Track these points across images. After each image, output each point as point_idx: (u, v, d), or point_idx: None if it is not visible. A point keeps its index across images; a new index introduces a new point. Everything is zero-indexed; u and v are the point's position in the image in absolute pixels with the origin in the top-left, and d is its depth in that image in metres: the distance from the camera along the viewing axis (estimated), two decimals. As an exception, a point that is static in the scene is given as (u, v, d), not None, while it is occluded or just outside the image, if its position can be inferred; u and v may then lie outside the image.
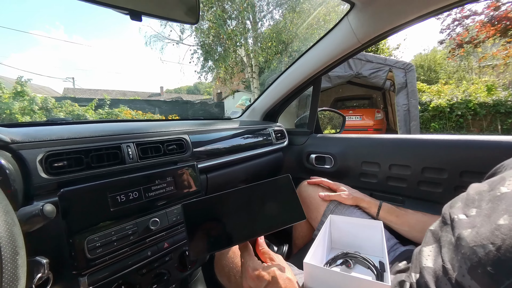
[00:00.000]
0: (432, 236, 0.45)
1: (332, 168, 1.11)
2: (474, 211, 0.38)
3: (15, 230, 0.25)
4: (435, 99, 7.06)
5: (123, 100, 11.13)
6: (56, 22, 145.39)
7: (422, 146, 0.88)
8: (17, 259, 0.24)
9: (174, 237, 0.62)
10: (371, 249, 0.66)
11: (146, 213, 0.56)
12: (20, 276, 0.24)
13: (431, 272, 0.38)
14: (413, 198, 0.92)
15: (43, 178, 0.46)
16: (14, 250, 0.24)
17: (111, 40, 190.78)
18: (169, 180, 0.61)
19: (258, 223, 0.46)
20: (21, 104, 6.45)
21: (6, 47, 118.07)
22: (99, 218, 0.48)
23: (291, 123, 1.57)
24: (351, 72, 5.51)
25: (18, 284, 0.23)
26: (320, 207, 0.84)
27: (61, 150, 0.50)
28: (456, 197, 0.46)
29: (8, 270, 0.23)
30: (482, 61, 10.76)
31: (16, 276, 0.23)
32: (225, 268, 0.66)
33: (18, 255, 0.24)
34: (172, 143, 0.70)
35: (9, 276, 0.23)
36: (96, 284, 0.47)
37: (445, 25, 11.49)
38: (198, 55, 11.08)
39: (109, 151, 0.56)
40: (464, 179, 0.79)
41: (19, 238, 0.25)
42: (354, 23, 0.84)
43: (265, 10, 10.47)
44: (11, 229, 0.24)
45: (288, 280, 0.42)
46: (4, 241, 0.23)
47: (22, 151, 0.46)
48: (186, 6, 0.51)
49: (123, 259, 0.52)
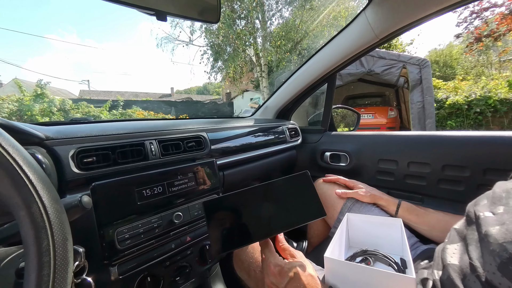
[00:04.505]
0: (457, 234, 0.44)
1: (348, 166, 1.10)
2: (501, 208, 0.37)
3: (64, 217, 0.27)
4: (452, 96, 6.79)
5: (135, 101, 11.42)
6: (69, 26, 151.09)
7: (441, 143, 0.85)
8: (67, 244, 0.26)
9: (196, 231, 0.63)
10: (390, 247, 0.65)
11: (169, 207, 0.58)
12: (69, 260, 0.26)
13: (456, 269, 0.37)
14: (432, 197, 0.89)
15: (75, 172, 0.49)
16: (64, 236, 0.26)
17: (123, 43, 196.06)
18: (190, 176, 0.63)
19: (277, 220, 0.46)
20: (41, 106, 6.76)
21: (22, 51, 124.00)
22: (127, 211, 0.51)
23: (303, 121, 1.57)
24: (363, 69, 5.39)
25: (68, 268, 0.25)
26: (336, 205, 0.84)
27: (91, 146, 0.52)
28: (481, 195, 0.44)
29: (60, 254, 0.25)
30: (503, 55, 10.25)
31: (67, 260, 0.25)
32: (245, 263, 0.67)
33: (68, 241, 0.26)
34: (192, 140, 0.72)
35: (60, 259, 0.25)
36: (125, 274, 0.49)
37: (462, 18, 11.06)
38: (208, 56, 11.23)
39: (134, 148, 0.59)
40: (488, 177, 0.76)
41: (67, 225, 0.27)
42: (372, 18, 0.83)
43: (274, 9, 10.43)
44: (60, 216, 0.26)
45: (310, 277, 0.43)
46: (56, 227, 0.25)
47: (55, 147, 0.49)
48: (207, 5, 0.52)
49: (149, 251, 0.54)
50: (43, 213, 0.24)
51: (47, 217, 0.24)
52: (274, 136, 1.11)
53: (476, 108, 6.37)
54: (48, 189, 0.26)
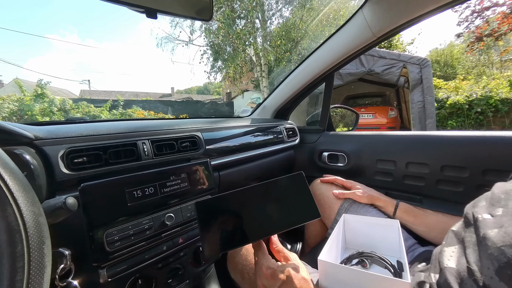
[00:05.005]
0: (455, 237, 0.43)
1: (346, 166, 1.09)
2: (500, 210, 0.36)
3: (41, 220, 0.26)
4: (453, 96, 6.77)
5: (136, 101, 11.44)
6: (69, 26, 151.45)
7: (441, 143, 0.84)
8: (43, 248, 0.25)
9: (189, 233, 0.62)
10: (387, 249, 0.64)
11: (161, 208, 0.57)
12: (46, 264, 0.25)
13: (454, 273, 0.36)
14: (431, 198, 0.88)
15: (64, 173, 0.48)
16: (40, 239, 0.25)
17: (123, 43, 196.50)
18: (183, 176, 0.62)
19: (271, 221, 0.45)
20: (42, 105, 6.78)
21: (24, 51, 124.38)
22: (117, 212, 0.50)
23: (301, 121, 1.55)
24: (363, 69, 5.37)
25: (44, 272, 0.24)
26: (333, 206, 0.83)
27: (81, 146, 0.52)
28: (480, 197, 0.43)
29: (35, 258, 0.24)
30: (504, 54, 10.21)
31: (43, 264, 0.24)
32: (239, 265, 0.66)
33: (44, 245, 0.25)
34: (186, 140, 0.71)
35: (36, 264, 0.24)
36: (115, 277, 0.48)
37: (463, 17, 11.01)
38: (208, 55, 11.23)
39: (126, 148, 0.58)
40: (487, 177, 0.75)
41: (45, 228, 0.26)
42: (369, 16, 0.82)
43: (274, 8, 10.43)
44: (37, 219, 0.25)
45: (303, 280, 0.42)
46: (32, 231, 0.24)
47: (45, 147, 0.48)
48: (199, 3, 0.51)
49: (140, 253, 0.53)
50: (18, 216, 0.23)
51: (22, 220, 0.23)
52: (272, 136, 1.10)
53: (477, 108, 6.34)
54: (24, 190, 0.25)
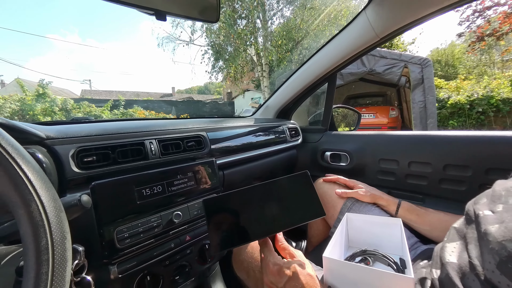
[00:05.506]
0: (457, 233, 0.44)
1: (348, 165, 1.10)
2: (500, 206, 0.36)
3: (62, 216, 0.27)
4: (454, 96, 6.76)
5: (137, 101, 11.47)
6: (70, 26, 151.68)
7: (443, 143, 0.85)
8: (65, 242, 0.26)
9: (195, 231, 0.63)
10: (389, 247, 0.65)
11: (169, 206, 0.58)
12: (68, 258, 0.26)
13: (455, 267, 0.37)
14: (434, 197, 0.89)
15: (75, 172, 0.49)
16: (62, 234, 0.26)
17: (124, 43, 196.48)
18: (190, 175, 0.63)
19: (277, 219, 0.46)
20: (43, 105, 6.80)
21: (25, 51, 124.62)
22: (126, 210, 0.51)
23: (303, 120, 1.56)
24: (364, 68, 5.38)
25: (66, 266, 0.25)
26: (336, 205, 0.84)
27: (91, 146, 0.53)
28: (481, 194, 0.44)
29: (58, 252, 0.25)
30: (505, 54, 10.18)
31: (65, 258, 0.25)
32: (244, 262, 0.67)
33: (66, 239, 0.26)
34: (191, 139, 0.72)
35: (59, 258, 0.25)
36: (125, 273, 0.49)
37: (464, 17, 10.98)
38: (209, 55, 11.23)
39: (134, 147, 0.59)
40: (490, 176, 0.75)
41: (66, 224, 0.27)
42: (372, 17, 0.82)
43: (275, 8, 10.42)
44: (59, 215, 0.26)
45: (309, 276, 0.42)
46: (54, 226, 0.25)
47: (56, 146, 0.49)
48: (207, 5, 0.52)
49: (149, 250, 0.54)
50: (42, 211, 0.24)
51: (45, 216, 0.24)
52: (275, 136, 1.11)
53: (478, 107, 6.33)
54: (46, 187, 0.26)
